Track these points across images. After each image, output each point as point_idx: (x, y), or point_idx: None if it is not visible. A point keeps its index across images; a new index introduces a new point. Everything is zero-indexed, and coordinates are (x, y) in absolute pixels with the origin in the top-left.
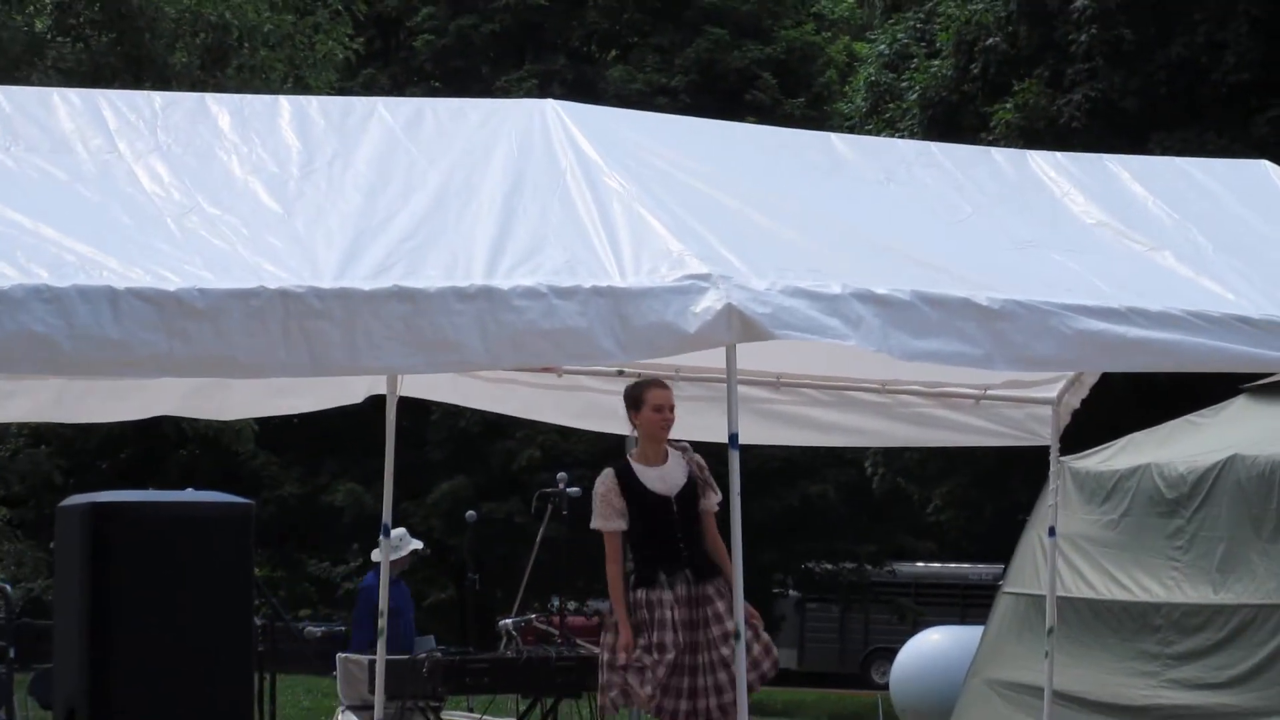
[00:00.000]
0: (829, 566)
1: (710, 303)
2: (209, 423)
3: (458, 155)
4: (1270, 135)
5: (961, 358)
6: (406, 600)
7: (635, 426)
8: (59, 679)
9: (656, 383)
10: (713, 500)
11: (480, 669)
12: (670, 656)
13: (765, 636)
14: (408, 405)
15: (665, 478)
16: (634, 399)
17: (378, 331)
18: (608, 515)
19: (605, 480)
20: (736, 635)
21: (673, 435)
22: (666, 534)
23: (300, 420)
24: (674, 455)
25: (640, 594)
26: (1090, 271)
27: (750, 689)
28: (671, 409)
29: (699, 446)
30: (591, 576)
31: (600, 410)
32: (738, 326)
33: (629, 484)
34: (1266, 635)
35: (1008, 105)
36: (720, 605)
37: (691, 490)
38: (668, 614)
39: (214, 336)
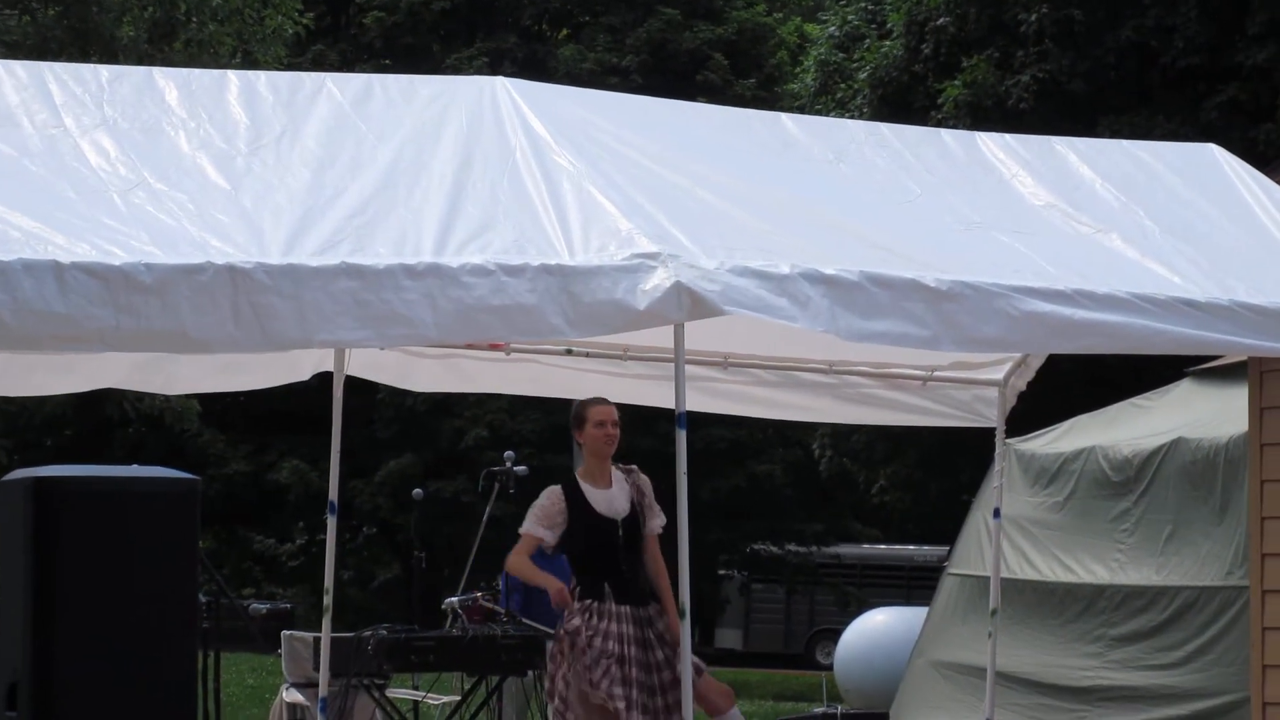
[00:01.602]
0: (775, 549)
1: (659, 280)
2: (152, 402)
3: (407, 132)
4: (1219, 120)
5: (909, 339)
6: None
7: (580, 445)
8: (2, 654)
9: (599, 400)
10: (657, 524)
11: (426, 647)
12: (627, 671)
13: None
14: (355, 384)
15: (611, 501)
16: (578, 417)
17: (327, 306)
18: (541, 523)
19: (552, 494)
20: (682, 613)
21: (620, 401)
22: (609, 557)
23: (247, 398)
24: (619, 478)
25: (590, 603)
26: (1037, 253)
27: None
28: (615, 424)
29: (649, 415)
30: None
31: (548, 381)
32: (687, 303)
33: (575, 503)
34: (1209, 617)
35: (956, 83)
36: (661, 626)
37: (635, 517)
38: (623, 628)
39: (161, 311)
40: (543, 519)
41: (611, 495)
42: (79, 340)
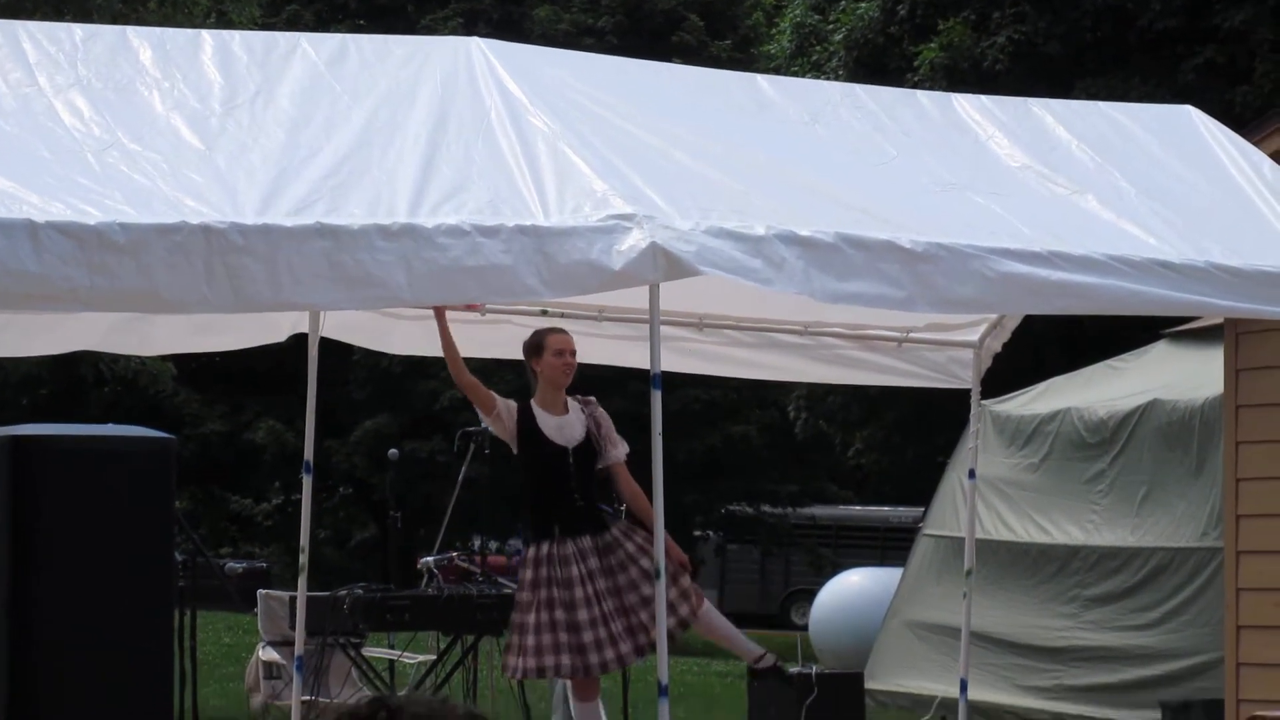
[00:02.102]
0: (750, 510)
1: (635, 241)
2: (127, 364)
3: (382, 93)
4: (1195, 82)
5: (884, 300)
6: None
7: (536, 374)
8: None
9: (557, 329)
10: (620, 452)
11: (401, 606)
12: (583, 615)
13: (685, 582)
14: (330, 344)
15: (564, 429)
16: (534, 345)
17: (301, 267)
18: (499, 399)
19: (511, 403)
20: (657, 574)
21: (597, 362)
22: (561, 487)
23: (222, 358)
24: (575, 408)
25: (545, 547)
26: (1013, 215)
27: (671, 635)
28: (573, 354)
29: (622, 375)
30: (513, 515)
31: (521, 341)
32: (662, 264)
33: (527, 424)
34: (1183, 578)
35: (932, 45)
36: (631, 546)
37: (588, 446)
38: (574, 570)
39: (135, 271)
40: (504, 402)
41: (566, 422)
42: (53, 300)
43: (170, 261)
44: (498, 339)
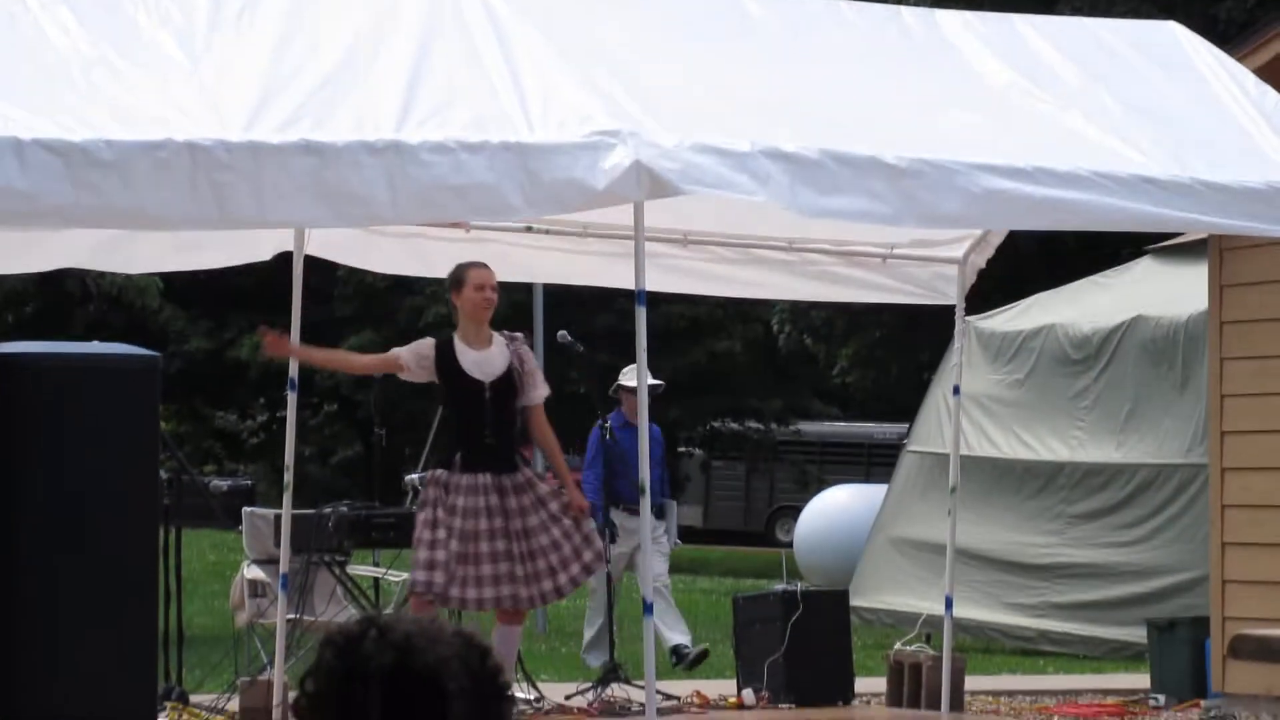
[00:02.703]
0: (735, 426)
1: (619, 159)
2: (114, 279)
3: (366, 9)
4: None
5: (869, 215)
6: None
7: (457, 307)
8: None
9: (478, 263)
10: (539, 394)
11: (386, 524)
12: (455, 546)
13: (586, 527)
14: (314, 261)
15: (483, 364)
16: (456, 280)
17: (285, 184)
18: (404, 353)
19: (425, 342)
20: (642, 490)
21: (580, 282)
22: (474, 420)
23: (207, 275)
24: (499, 343)
25: (440, 474)
26: (997, 131)
27: (574, 582)
28: (494, 289)
29: (607, 293)
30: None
31: (510, 262)
32: (646, 183)
33: (445, 360)
34: (1168, 495)
35: None
36: (543, 488)
37: (508, 381)
38: (474, 501)
39: (121, 188)
40: (410, 351)
41: (486, 357)
42: (38, 216)
43: (156, 178)
44: (481, 258)
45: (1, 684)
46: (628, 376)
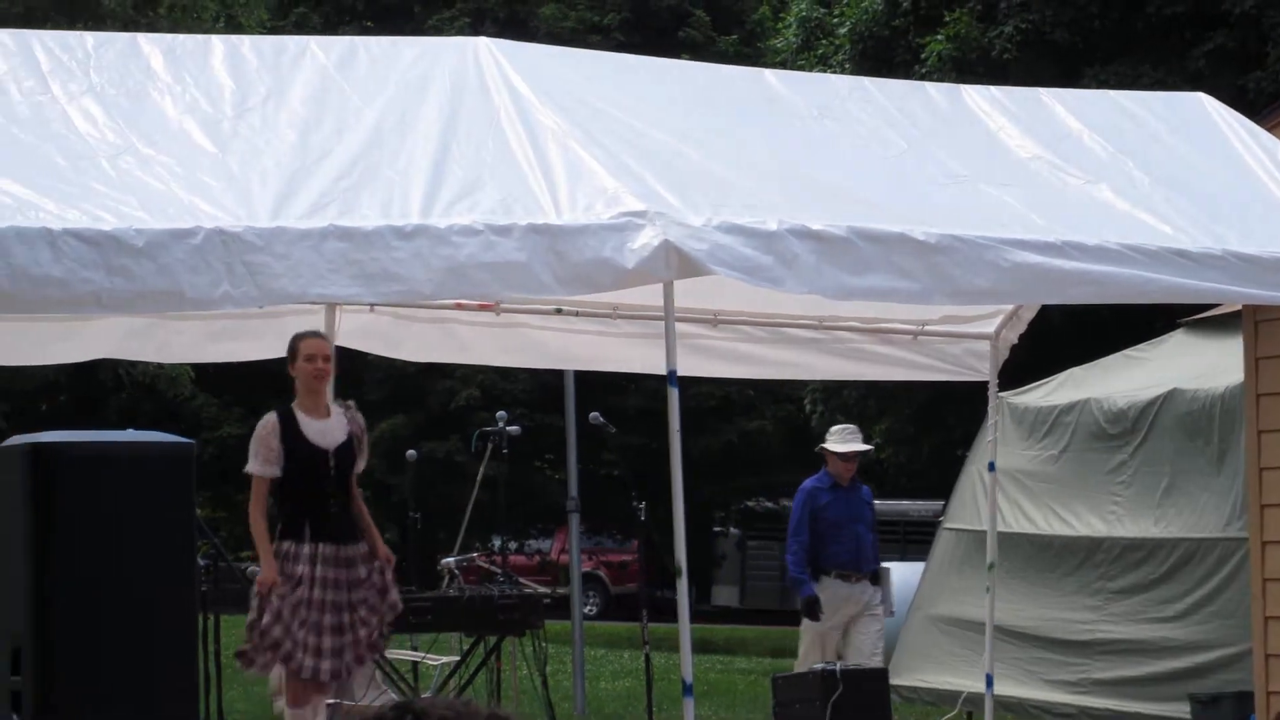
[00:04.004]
0: (769, 504)
1: (647, 239)
2: (145, 367)
3: (391, 94)
4: (1206, 68)
5: (898, 293)
6: (861, 506)
7: (295, 377)
8: (3, 619)
9: (312, 333)
10: (360, 464)
11: (423, 607)
12: (314, 617)
13: (387, 577)
14: (345, 348)
15: (326, 432)
16: (291, 350)
17: (319, 264)
18: (264, 459)
19: (267, 424)
20: (678, 572)
21: (612, 368)
22: (318, 488)
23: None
24: (337, 412)
25: (288, 545)
26: (1026, 205)
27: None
28: (326, 359)
29: (634, 379)
30: (531, 516)
31: (538, 348)
32: (675, 262)
33: (289, 431)
34: (1208, 569)
35: (939, 37)
36: (364, 570)
37: (349, 449)
38: (311, 570)
39: (156, 272)
40: (262, 451)
41: (327, 426)
42: (74, 303)
43: (190, 263)
44: (514, 344)
45: None
46: (835, 439)
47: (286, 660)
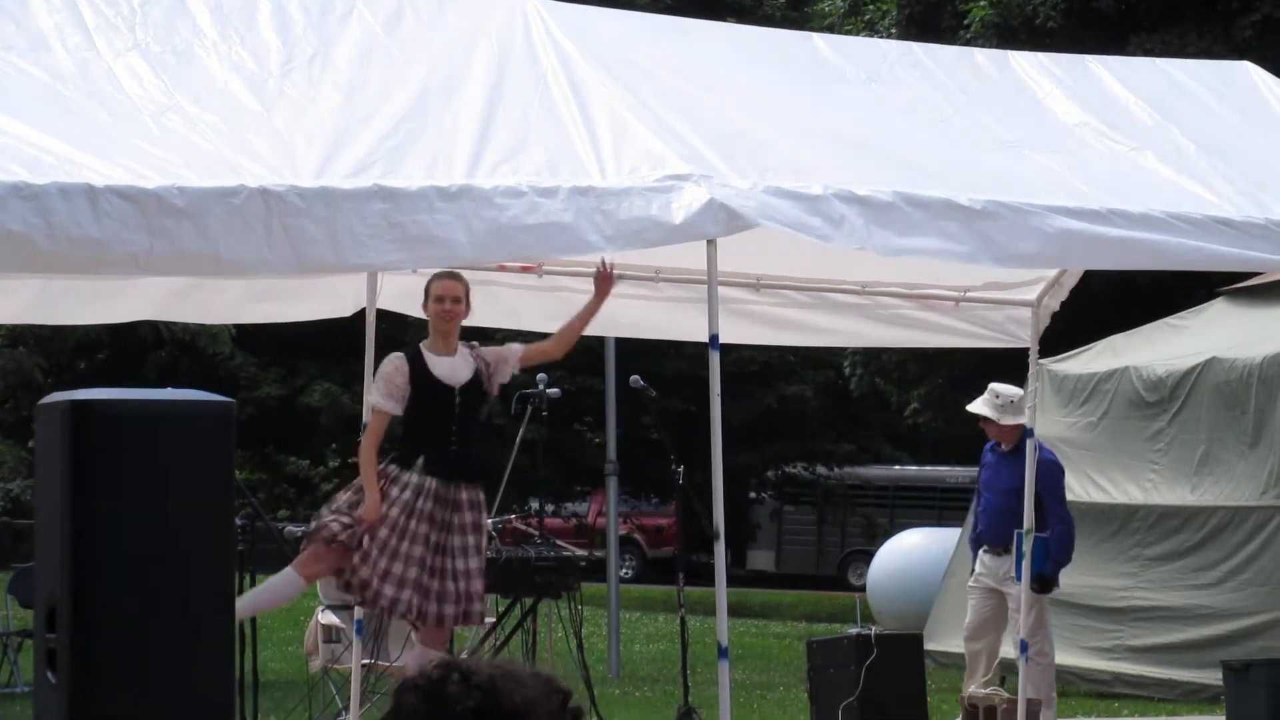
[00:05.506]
0: (806, 470)
1: (694, 196)
2: (185, 326)
3: (438, 54)
4: (1253, 38)
5: (945, 253)
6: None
7: (426, 319)
8: (40, 578)
9: (446, 274)
10: (515, 347)
11: None
12: (418, 550)
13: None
14: (386, 310)
15: (454, 369)
16: (426, 291)
17: (360, 229)
18: (386, 394)
19: (394, 361)
20: (716, 536)
21: (654, 335)
22: (442, 424)
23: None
24: (464, 352)
25: (394, 469)
26: (1071, 172)
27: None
28: (456, 300)
29: (674, 343)
30: (569, 478)
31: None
32: (723, 218)
33: (417, 369)
34: (1243, 537)
35: (982, 3)
36: (470, 516)
37: (476, 385)
38: (414, 499)
39: (195, 234)
40: (387, 389)
41: (455, 364)
42: (112, 264)
43: (229, 224)
44: (558, 309)
45: None
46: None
47: (374, 600)
